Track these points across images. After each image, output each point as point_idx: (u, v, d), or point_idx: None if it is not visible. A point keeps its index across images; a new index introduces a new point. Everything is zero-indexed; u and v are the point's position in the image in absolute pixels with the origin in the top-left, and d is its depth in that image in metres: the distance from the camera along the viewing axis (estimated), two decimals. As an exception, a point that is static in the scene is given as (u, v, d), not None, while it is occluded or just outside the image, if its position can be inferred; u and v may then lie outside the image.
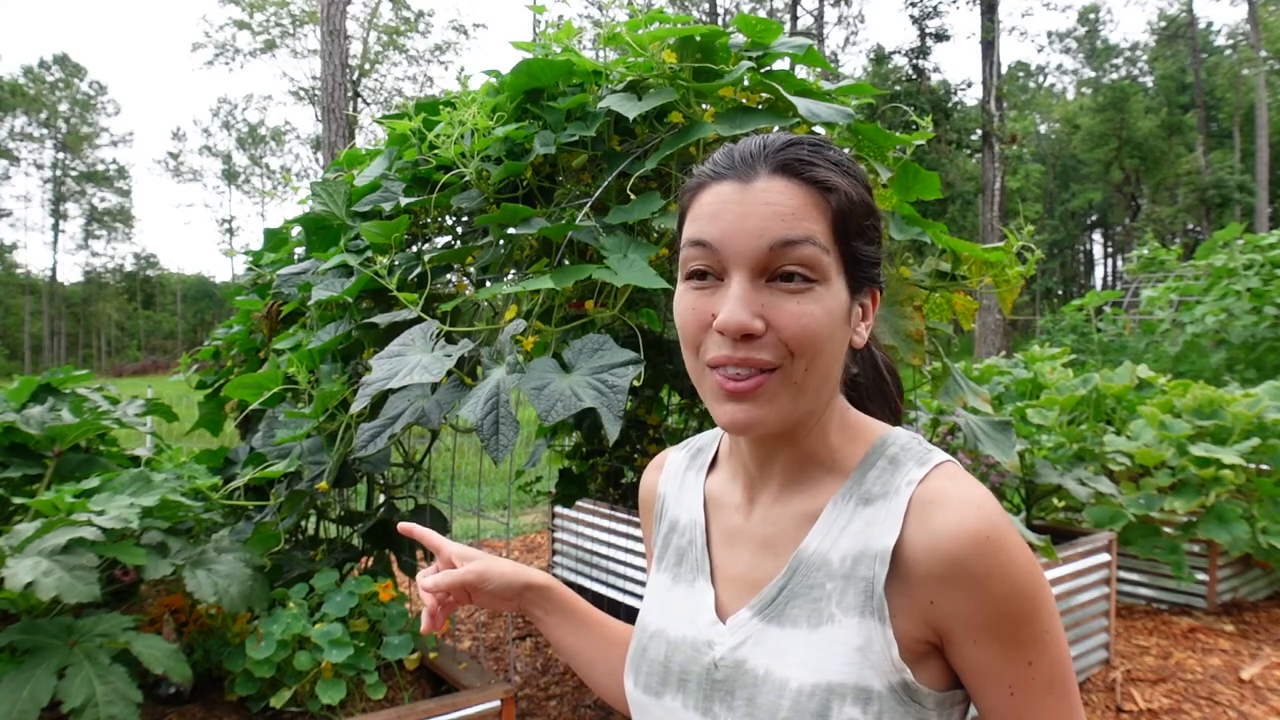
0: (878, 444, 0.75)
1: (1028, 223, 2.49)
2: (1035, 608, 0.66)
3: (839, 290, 0.70)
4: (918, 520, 0.68)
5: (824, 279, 0.68)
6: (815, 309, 0.68)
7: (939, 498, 0.68)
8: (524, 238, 2.04)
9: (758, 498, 0.79)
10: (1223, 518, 3.52)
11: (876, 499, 0.71)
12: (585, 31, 11.79)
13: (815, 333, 0.68)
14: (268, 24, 28.92)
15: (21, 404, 2.32)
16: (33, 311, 50.82)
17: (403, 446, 2.69)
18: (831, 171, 0.70)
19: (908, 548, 0.67)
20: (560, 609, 0.95)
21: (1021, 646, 0.66)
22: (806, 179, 0.69)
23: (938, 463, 0.71)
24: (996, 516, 0.66)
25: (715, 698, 0.74)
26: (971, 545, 0.65)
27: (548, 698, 3.00)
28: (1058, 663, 0.68)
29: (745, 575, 0.77)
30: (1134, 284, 10.40)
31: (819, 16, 28.51)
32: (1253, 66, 28.44)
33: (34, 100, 47.00)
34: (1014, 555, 0.66)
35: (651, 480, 0.93)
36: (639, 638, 0.84)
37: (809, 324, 0.67)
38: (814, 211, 0.68)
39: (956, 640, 0.67)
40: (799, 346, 0.67)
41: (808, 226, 0.68)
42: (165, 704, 1.98)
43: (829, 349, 0.70)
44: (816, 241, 0.68)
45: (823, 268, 0.68)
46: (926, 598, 0.67)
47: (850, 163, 0.73)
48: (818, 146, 0.72)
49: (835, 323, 0.70)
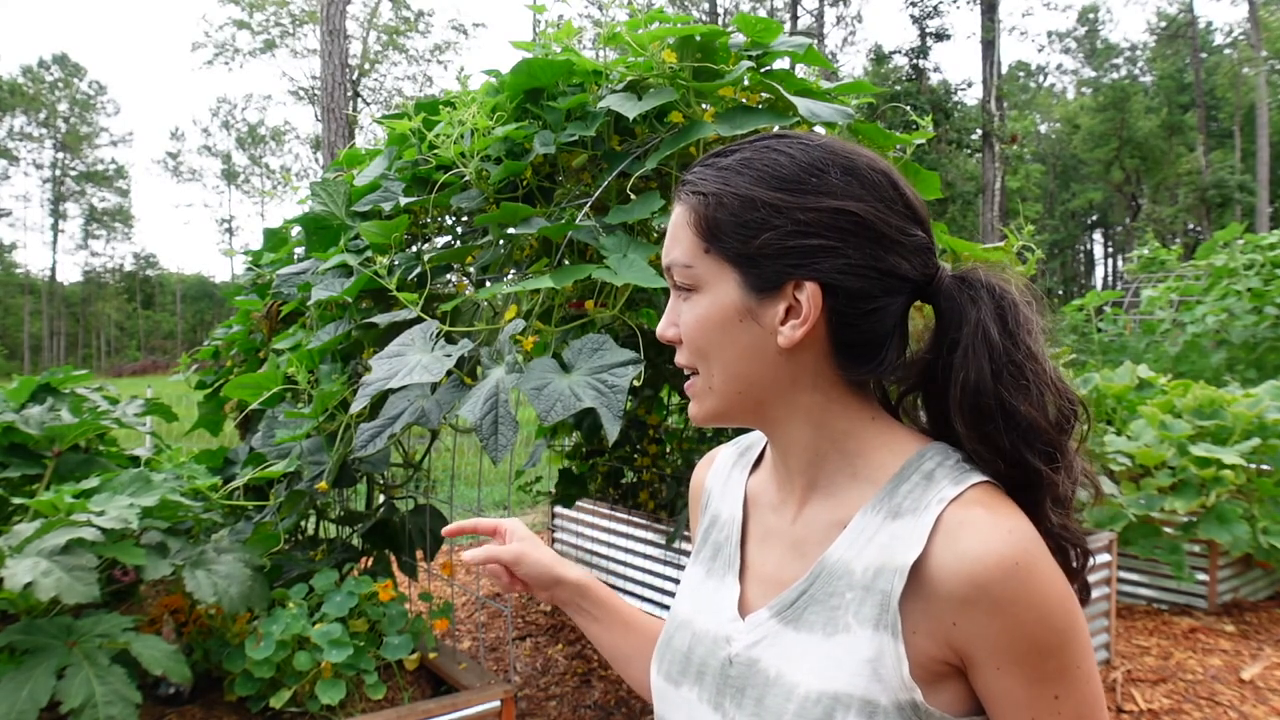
0: (914, 457, 0.72)
1: (1028, 223, 2.49)
2: (1064, 641, 0.64)
3: (723, 292, 0.72)
4: (945, 539, 0.66)
5: (697, 285, 0.74)
6: (689, 316, 0.75)
7: (969, 518, 0.66)
8: (524, 238, 2.03)
9: (789, 497, 0.79)
10: (1223, 518, 3.52)
11: (906, 513, 0.69)
12: (585, 31, 11.78)
13: (691, 337, 0.75)
14: (267, 24, 28.91)
15: (21, 404, 2.31)
16: (32, 311, 50.82)
17: (403, 446, 2.68)
18: (704, 183, 0.74)
19: (932, 566, 0.66)
20: (597, 606, 0.98)
21: (1047, 680, 0.65)
22: (681, 199, 0.76)
23: (974, 483, 0.69)
24: (1029, 543, 0.65)
25: (726, 693, 0.74)
26: (998, 570, 0.63)
27: (548, 698, 3.00)
28: (1086, 701, 0.66)
29: (772, 575, 0.78)
30: (1134, 284, 10.40)
31: (819, 16, 28.51)
32: (1253, 66, 28.44)
33: (33, 100, 47.00)
34: (1044, 585, 0.64)
35: (701, 475, 0.95)
36: (667, 627, 0.85)
37: (687, 330, 0.75)
38: (683, 229, 0.75)
39: (979, 665, 0.66)
40: (690, 351, 0.76)
41: (679, 247, 0.75)
42: (165, 704, 1.98)
43: (719, 352, 0.74)
44: (679, 260, 0.75)
45: (692, 278, 0.74)
46: (949, 619, 0.65)
47: (748, 161, 0.72)
48: (718, 155, 0.75)
49: (715, 324, 0.73)
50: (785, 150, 0.72)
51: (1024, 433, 0.69)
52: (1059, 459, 0.70)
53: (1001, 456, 0.70)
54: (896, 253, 0.71)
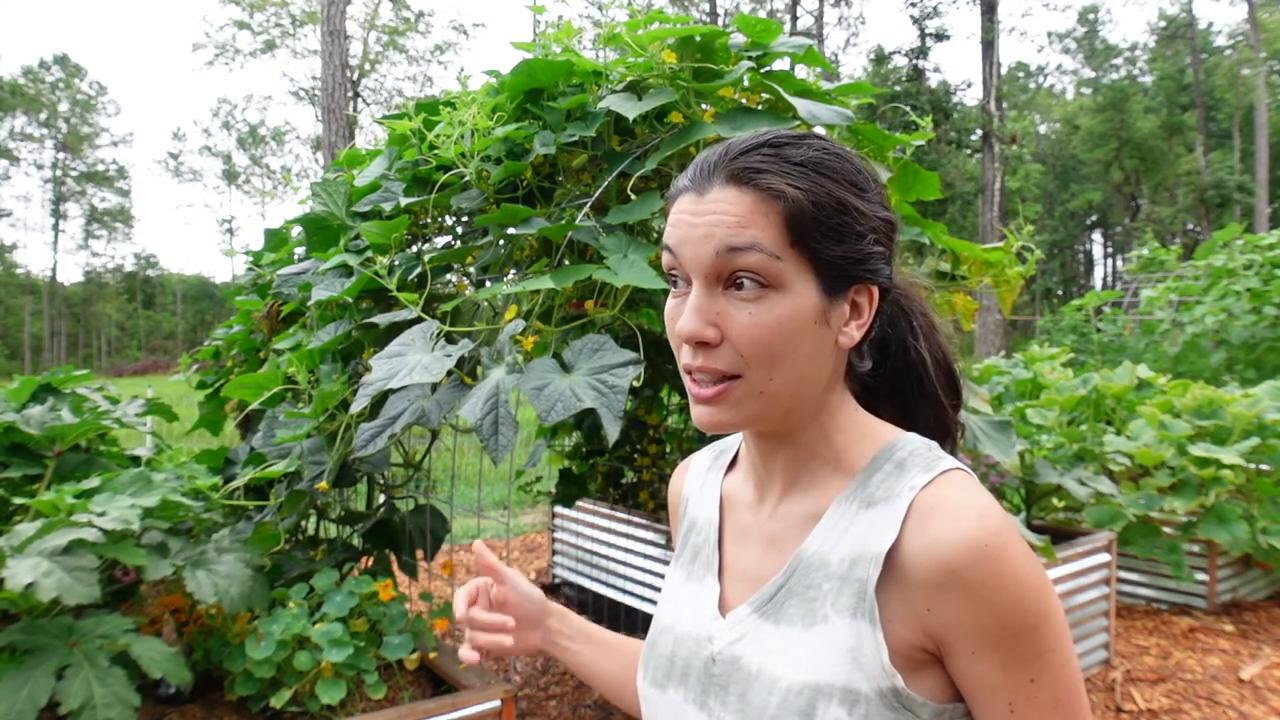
0: (886, 447, 0.74)
1: (1027, 223, 2.49)
2: (1038, 623, 0.65)
3: (804, 294, 0.69)
4: (917, 525, 0.67)
5: (778, 285, 0.69)
6: (767, 317, 0.68)
7: (940, 504, 0.67)
8: (524, 238, 2.04)
9: (766, 495, 0.80)
10: (1222, 518, 3.52)
11: (879, 502, 0.70)
12: (585, 32, 11.79)
13: (767, 341, 0.68)
14: (268, 24, 28.89)
15: (22, 404, 2.32)
16: (33, 311, 50.80)
17: (403, 446, 2.69)
18: (786, 176, 0.69)
19: (906, 553, 0.67)
20: (581, 631, 0.98)
21: (1023, 662, 0.65)
22: (754, 186, 0.69)
23: (944, 469, 0.70)
24: (999, 526, 0.65)
25: (711, 692, 0.75)
26: (969, 553, 0.64)
27: (548, 698, 3.00)
28: (1064, 683, 0.66)
29: (751, 572, 0.78)
30: (1134, 284, 10.40)
31: (819, 17, 28.50)
32: (1252, 67, 28.44)
33: (34, 100, 46.96)
34: (1016, 567, 0.64)
35: (678, 481, 0.96)
36: (652, 633, 0.86)
37: (759, 334, 0.68)
38: (761, 218, 0.68)
39: (955, 651, 0.66)
40: (753, 356, 0.69)
41: (753, 233, 0.68)
42: (165, 704, 1.98)
43: (790, 356, 0.69)
44: (763, 248, 0.68)
45: (774, 273, 0.68)
46: (924, 605, 0.66)
47: (821, 161, 0.71)
48: (779, 148, 0.71)
49: (795, 328, 0.69)
50: (844, 154, 0.73)
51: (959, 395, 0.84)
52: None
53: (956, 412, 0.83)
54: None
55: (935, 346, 0.82)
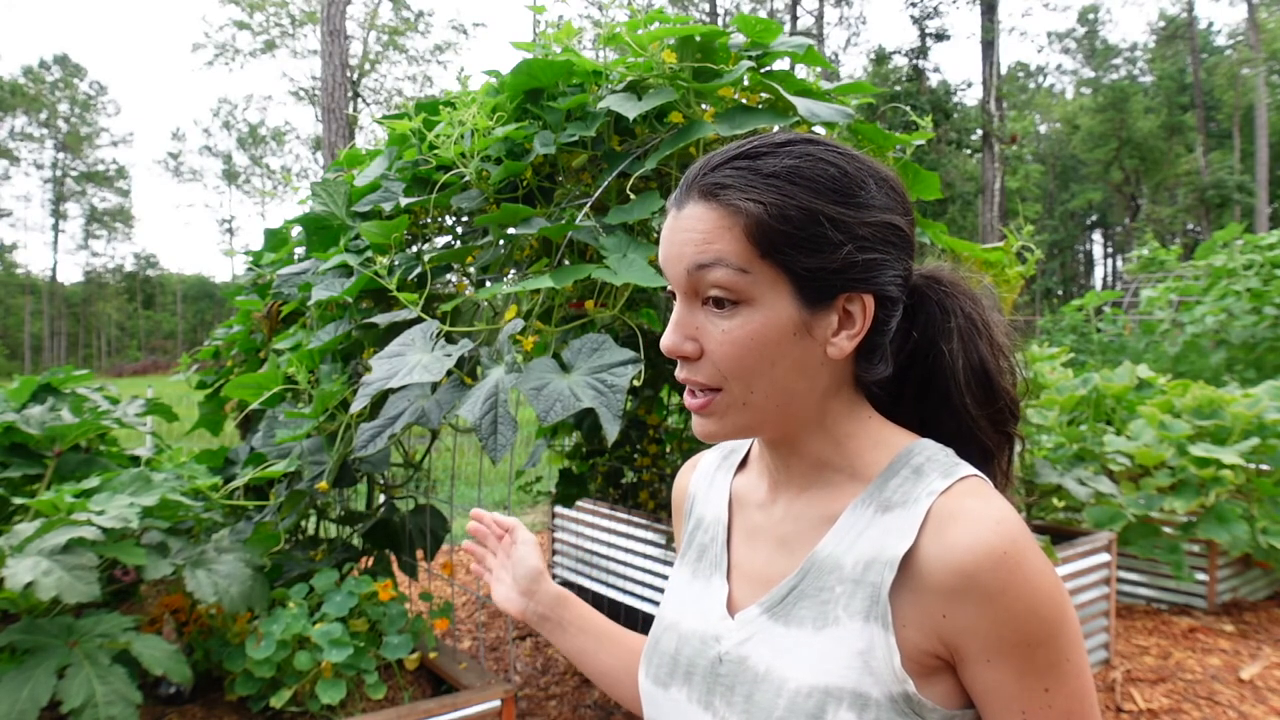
0: (903, 453, 0.73)
1: (1027, 223, 2.50)
2: (1053, 633, 0.64)
3: (779, 307, 0.69)
4: (934, 531, 0.66)
5: (748, 299, 0.69)
6: (739, 332, 0.69)
7: (958, 510, 0.66)
8: (524, 238, 2.04)
9: (780, 496, 0.79)
10: (1222, 518, 3.52)
11: (895, 507, 0.70)
12: (585, 31, 11.79)
13: (739, 356, 0.69)
14: (267, 24, 28.89)
15: (22, 404, 2.32)
16: (33, 311, 50.82)
17: (403, 446, 2.69)
18: (751, 190, 0.68)
19: (922, 558, 0.66)
20: (580, 618, 0.98)
21: (1037, 672, 0.64)
22: (719, 201, 0.69)
23: (963, 476, 0.69)
24: (1017, 534, 0.65)
25: (716, 692, 0.74)
26: (986, 560, 0.63)
27: (548, 698, 3.00)
28: (1077, 693, 0.66)
29: (761, 572, 0.78)
30: (1134, 284, 10.40)
31: (819, 17, 28.50)
32: (1251, 67, 28.44)
33: (34, 100, 46.98)
34: (1033, 576, 0.64)
35: (684, 480, 0.95)
36: (654, 630, 0.85)
37: (730, 350, 0.69)
38: (725, 233, 0.68)
39: (970, 658, 0.66)
40: (729, 370, 0.70)
41: (718, 249, 0.68)
42: (165, 704, 1.98)
43: (767, 369, 0.69)
44: (728, 263, 0.68)
45: (742, 288, 0.68)
46: (939, 611, 0.65)
47: (796, 170, 0.69)
48: (755, 159, 0.70)
49: (771, 341, 0.69)
50: (829, 159, 0.70)
51: (1010, 403, 0.78)
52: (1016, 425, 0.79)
53: (996, 428, 0.77)
54: (913, 257, 0.75)
55: (973, 351, 0.77)
